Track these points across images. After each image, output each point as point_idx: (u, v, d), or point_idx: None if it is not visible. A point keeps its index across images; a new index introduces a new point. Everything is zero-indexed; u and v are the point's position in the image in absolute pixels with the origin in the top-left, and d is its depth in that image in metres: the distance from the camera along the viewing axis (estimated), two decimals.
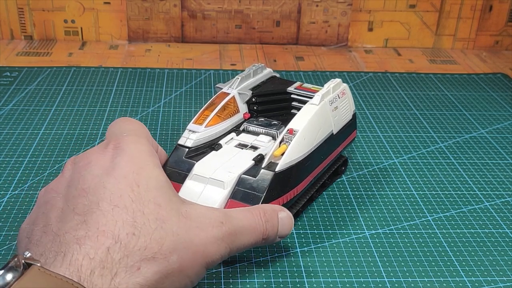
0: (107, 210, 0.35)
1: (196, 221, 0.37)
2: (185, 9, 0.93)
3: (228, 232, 0.38)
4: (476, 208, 0.54)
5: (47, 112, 0.69)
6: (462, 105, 0.76)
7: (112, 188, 0.36)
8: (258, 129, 0.52)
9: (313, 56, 0.92)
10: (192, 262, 0.36)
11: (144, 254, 0.34)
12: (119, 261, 0.33)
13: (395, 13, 0.96)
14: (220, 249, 0.37)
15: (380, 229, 0.50)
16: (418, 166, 0.60)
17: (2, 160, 0.58)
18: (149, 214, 0.35)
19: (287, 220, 0.42)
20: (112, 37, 0.95)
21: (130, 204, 0.35)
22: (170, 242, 0.35)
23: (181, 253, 0.35)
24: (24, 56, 0.87)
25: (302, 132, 0.47)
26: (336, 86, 0.52)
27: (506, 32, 0.98)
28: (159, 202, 0.36)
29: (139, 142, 0.40)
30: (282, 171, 0.45)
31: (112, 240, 0.33)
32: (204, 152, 0.49)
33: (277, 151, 0.46)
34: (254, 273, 0.44)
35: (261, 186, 0.44)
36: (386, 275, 0.45)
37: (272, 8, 0.94)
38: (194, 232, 0.36)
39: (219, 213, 0.39)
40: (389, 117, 0.71)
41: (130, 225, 0.34)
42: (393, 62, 0.91)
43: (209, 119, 0.50)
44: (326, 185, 0.55)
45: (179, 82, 0.79)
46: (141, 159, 0.39)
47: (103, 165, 0.38)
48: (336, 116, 0.52)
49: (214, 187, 0.45)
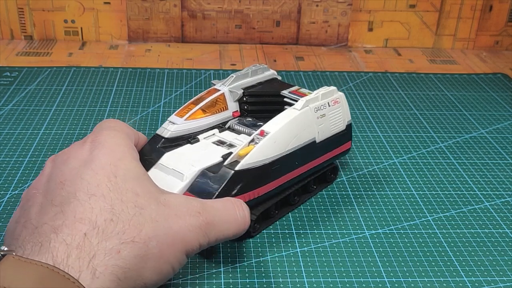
0: (84, 199, 0.35)
1: (174, 209, 0.38)
2: (185, 9, 0.93)
3: (206, 221, 0.39)
4: (476, 208, 0.54)
5: (47, 112, 0.69)
6: (462, 105, 0.76)
7: (89, 179, 0.37)
8: (241, 128, 0.53)
9: (313, 56, 0.92)
10: (172, 248, 0.36)
11: (123, 238, 0.34)
12: (97, 245, 0.33)
13: (395, 13, 0.96)
14: (198, 237, 0.38)
15: (380, 229, 0.50)
16: (418, 166, 0.60)
17: (2, 160, 0.58)
18: (127, 201, 0.36)
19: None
20: (112, 37, 0.95)
21: (107, 193, 0.36)
22: (149, 228, 0.36)
23: (160, 239, 0.36)
24: (24, 56, 0.87)
25: (273, 135, 0.47)
26: (327, 93, 0.51)
27: (506, 32, 0.98)
28: (137, 191, 0.37)
29: (117, 136, 0.41)
30: (242, 171, 0.45)
31: (90, 226, 0.34)
32: (180, 144, 0.49)
33: (242, 150, 0.46)
34: (254, 273, 0.44)
35: (218, 182, 0.44)
36: (386, 275, 0.45)
37: (272, 8, 0.94)
38: (172, 219, 0.37)
39: (197, 203, 0.39)
40: (389, 117, 0.71)
41: (108, 212, 0.35)
42: (393, 62, 0.91)
43: (191, 112, 0.51)
44: (312, 191, 0.54)
45: (179, 82, 0.79)
46: (119, 152, 0.40)
47: (81, 158, 0.39)
48: (322, 124, 0.51)
49: (174, 178, 0.45)
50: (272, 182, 0.48)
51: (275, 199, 0.49)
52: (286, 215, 0.52)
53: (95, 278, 0.32)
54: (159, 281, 0.36)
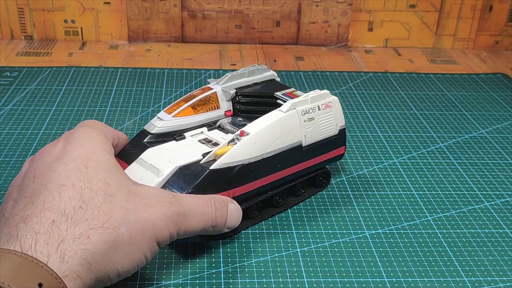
0: (53, 189, 0.37)
1: (145, 198, 0.39)
2: (185, 9, 0.93)
3: (177, 211, 0.39)
4: (476, 208, 0.54)
5: (47, 112, 0.69)
6: (462, 105, 0.76)
7: (60, 171, 0.38)
8: (230, 128, 0.52)
9: (313, 56, 0.92)
10: (142, 235, 0.37)
11: (92, 224, 0.35)
12: (66, 231, 0.35)
13: (395, 13, 0.96)
14: (169, 226, 0.39)
15: (380, 229, 0.50)
16: (418, 166, 0.60)
17: (2, 160, 0.58)
18: (97, 190, 0.37)
19: (236, 212, 0.45)
20: (112, 37, 0.95)
21: (77, 183, 0.37)
22: (119, 215, 0.37)
23: (130, 226, 0.37)
24: (24, 56, 0.87)
25: (252, 137, 0.46)
26: (317, 97, 0.51)
27: (506, 32, 0.98)
28: (107, 181, 0.38)
29: (89, 132, 0.43)
30: (217, 170, 0.45)
31: (58, 214, 0.35)
32: (166, 141, 0.50)
33: (220, 149, 0.46)
34: (254, 273, 0.44)
35: (191, 180, 0.44)
36: (386, 275, 0.45)
37: (272, 8, 0.94)
38: (143, 207, 0.38)
39: (169, 194, 0.40)
40: (389, 117, 0.71)
41: (77, 200, 0.36)
42: (393, 62, 0.91)
43: (180, 109, 0.51)
44: (300, 195, 0.53)
45: (179, 82, 0.79)
46: (91, 145, 0.41)
47: (54, 153, 0.41)
48: (309, 127, 0.50)
49: (151, 174, 0.46)
50: (250, 183, 0.47)
51: (254, 200, 0.49)
52: (271, 217, 0.51)
53: (64, 262, 0.33)
54: (131, 268, 0.37)
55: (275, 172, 0.49)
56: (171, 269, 0.44)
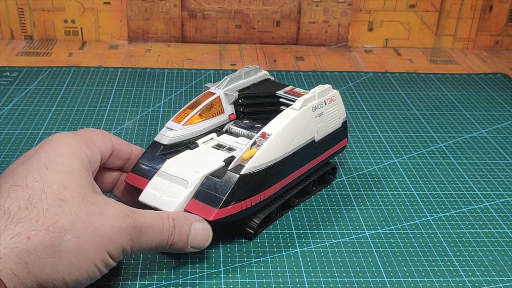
0: (5, 189, 0.37)
1: (100, 208, 0.38)
2: (185, 9, 0.93)
3: (132, 225, 0.39)
4: (476, 208, 0.54)
5: (47, 112, 0.69)
6: (462, 105, 0.76)
7: (20, 171, 0.38)
8: (240, 131, 0.52)
9: (313, 56, 0.92)
10: (90, 244, 0.37)
11: (35, 225, 0.35)
12: (5, 228, 0.35)
13: (395, 13, 0.96)
14: (122, 239, 0.38)
15: (380, 229, 0.50)
16: (418, 166, 0.60)
17: (2, 160, 0.58)
18: (50, 193, 0.37)
19: (202, 232, 0.43)
20: (112, 37, 0.95)
21: (31, 183, 0.37)
22: (66, 220, 0.36)
23: (77, 233, 0.36)
24: (24, 56, 0.87)
25: (275, 137, 0.46)
26: (323, 92, 0.51)
27: (506, 32, 0.98)
28: (64, 184, 0.38)
29: (67, 137, 0.43)
30: (247, 175, 0.45)
31: (0, 212, 0.35)
32: (180, 151, 0.49)
33: (245, 154, 0.45)
34: (254, 273, 0.44)
35: (224, 188, 0.44)
36: (386, 275, 0.45)
37: (272, 8, 0.94)
38: (95, 216, 0.38)
39: (127, 208, 0.40)
40: (389, 117, 0.71)
41: (25, 200, 0.36)
42: (393, 62, 0.91)
43: (188, 117, 0.50)
44: (311, 192, 0.54)
45: (179, 82, 0.79)
46: (61, 149, 0.41)
47: (27, 156, 0.41)
48: (320, 122, 0.51)
49: (178, 186, 0.45)
50: (276, 184, 0.47)
51: (279, 201, 0.49)
52: (284, 215, 0.51)
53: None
54: (81, 278, 0.37)
55: (295, 170, 0.49)
56: (171, 269, 0.44)
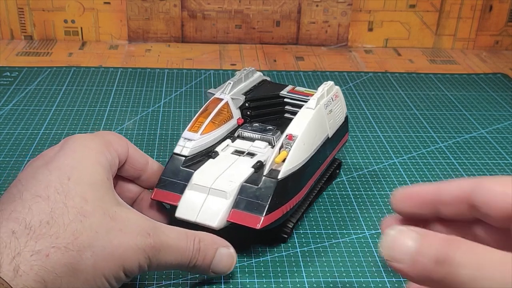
0: (27, 199, 0.35)
1: (121, 224, 0.37)
2: (185, 9, 0.93)
3: (152, 245, 0.37)
4: None
5: (47, 112, 0.69)
6: (462, 105, 0.76)
7: (42, 178, 0.37)
8: (253, 135, 0.51)
9: (313, 56, 0.92)
10: (107, 262, 0.36)
11: (55, 242, 0.34)
12: (25, 244, 0.33)
13: (395, 13, 0.96)
14: (139, 258, 0.37)
15: (380, 229, 0.50)
16: (418, 166, 0.60)
17: (2, 160, 0.58)
18: (71, 207, 0.36)
19: (227, 258, 0.42)
20: (112, 37, 0.95)
21: (53, 195, 0.36)
22: (86, 237, 0.35)
23: (96, 250, 0.35)
24: (24, 56, 0.87)
25: (301, 137, 0.46)
26: (329, 89, 0.52)
27: (506, 32, 0.98)
28: (86, 197, 0.37)
29: (87, 139, 0.41)
30: (284, 178, 0.44)
31: (22, 225, 0.34)
32: (201, 161, 0.48)
33: (278, 157, 0.45)
34: (254, 273, 0.44)
35: (265, 194, 0.43)
36: (386, 275, 0.45)
37: (272, 8, 0.94)
38: (115, 233, 0.36)
39: (150, 224, 0.38)
40: (389, 117, 0.71)
41: (46, 214, 0.35)
42: (393, 62, 0.91)
43: (204, 126, 0.49)
44: (323, 189, 0.54)
45: (179, 82, 0.79)
46: (83, 154, 0.39)
47: (47, 157, 0.39)
48: (331, 119, 0.51)
49: (216, 197, 0.44)
50: (306, 185, 0.48)
51: (306, 201, 0.49)
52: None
53: (18, 275, 0.32)
54: None
55: (318, 168, 0.50)
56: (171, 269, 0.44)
